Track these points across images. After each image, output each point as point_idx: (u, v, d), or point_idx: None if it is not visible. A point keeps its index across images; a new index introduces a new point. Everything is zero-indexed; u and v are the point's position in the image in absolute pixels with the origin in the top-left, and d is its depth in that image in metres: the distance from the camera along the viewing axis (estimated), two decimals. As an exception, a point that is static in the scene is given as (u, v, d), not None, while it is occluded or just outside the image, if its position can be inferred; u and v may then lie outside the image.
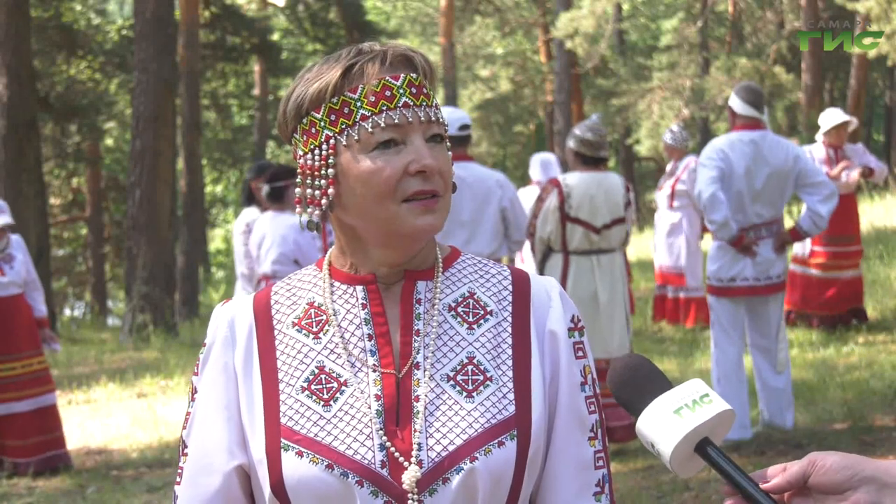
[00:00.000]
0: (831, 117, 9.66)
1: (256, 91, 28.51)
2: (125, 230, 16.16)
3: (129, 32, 21.60)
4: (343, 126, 1.59)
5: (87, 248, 26.82)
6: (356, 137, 1.58)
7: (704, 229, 11.21)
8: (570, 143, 6.67)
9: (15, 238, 7.31)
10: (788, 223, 8.80)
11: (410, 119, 1.58)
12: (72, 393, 10.15)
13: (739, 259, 6.68)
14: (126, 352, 12.93)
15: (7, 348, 7.11)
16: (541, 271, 6.62)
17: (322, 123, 1.60)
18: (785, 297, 6.98)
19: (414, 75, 1.60)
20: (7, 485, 6.99)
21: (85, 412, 9.33)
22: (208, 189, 29.79)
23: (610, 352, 6.50)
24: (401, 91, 1.58)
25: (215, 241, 33.20)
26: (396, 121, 1.57)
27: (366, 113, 1.57)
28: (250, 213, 8.22)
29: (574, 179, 6.58)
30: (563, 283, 6.54)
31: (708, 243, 7.69)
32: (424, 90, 1.61)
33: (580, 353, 1.67)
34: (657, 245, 11.33)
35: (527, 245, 7.28)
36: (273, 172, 7.57)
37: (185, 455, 1.64)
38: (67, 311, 25.92)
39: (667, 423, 1.44)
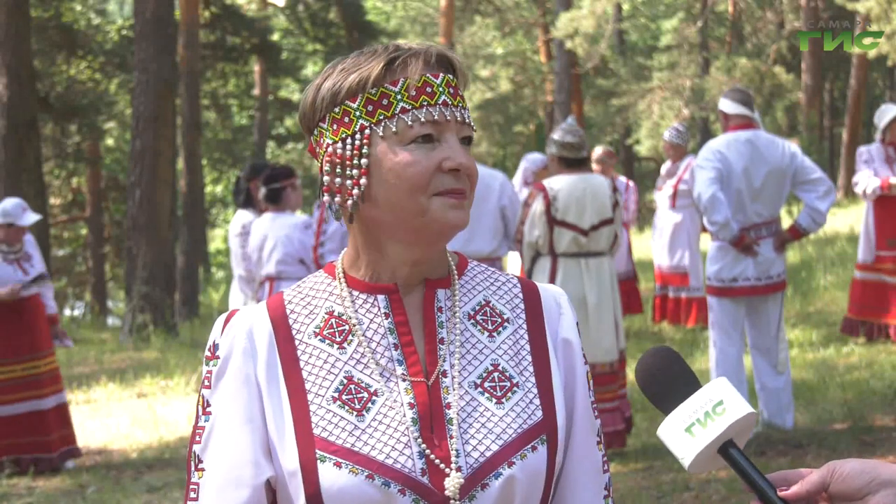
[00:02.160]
0: (887, 113, 9.00)
1: (256, 91, 28.50)
2: (125, 230, 16.16)
3: (129, 32, 21.60)
4: (381, 117, 1.58)
5: (87, 248, 26.82)
6: (394, 129, 1.58)
7: (703, 229, 11.20)
8: (552, 149, 6.62)
9: (28, 237, 7.40)
10: (787, 222, 8.78)
11: (448, 117, 1.59)
12: (72, 393, 10.14)
13: (741, 259, 6.67)
14: (126, 352, 12.93)
15: (30, 347, 7.21)
16: (529, 276, 6.58)
17: (357, 113, 1.60)
18: (782, 298, 6.96)
19: (451, 76, 1.62)
20: (7, 485, 6.99)
21: (85, 412, 9.33)
22: (208, 189, 29.79)
23: (596, 357, 6.46)
24: (440, 89, 1.59)
25: (215, 241, 33.19)
26: (436, 117, 1.58)
27: (406, 106, 1.58)
28: (245, 215, 8.20)
29: (559, 183, 6.54)
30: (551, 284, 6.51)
31: (706, 244, 7.64)
32: (460, 92, 1.63)
33: (584, 360, 1.71)
34: (656, 246, 11.32)
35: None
36: (269, 174, 7.58)
37: (202, 470, 1.60)
38: (67, 311, 25.92)
39: (680, 440, 1.46)
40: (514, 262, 9.97)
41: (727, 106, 6.73)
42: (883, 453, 6.18)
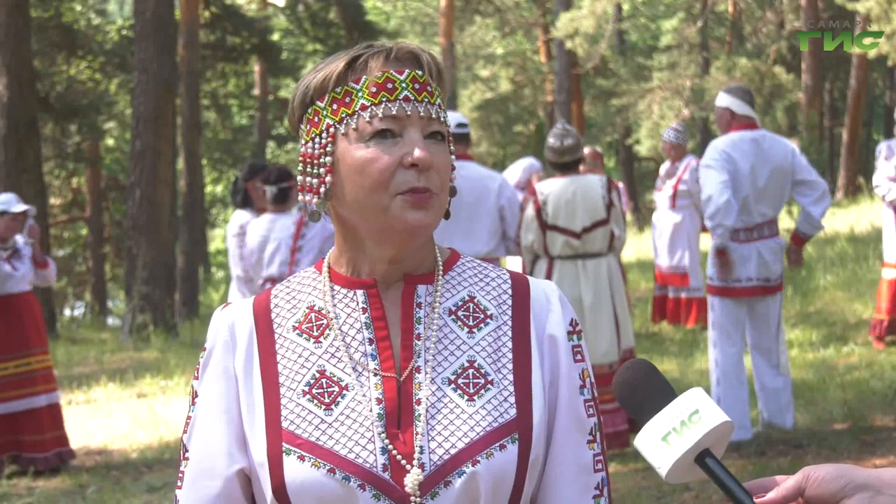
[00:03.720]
0: None
1: (256, 91, 28.51)
2: (125, 230, 16.16)
3: (129, 32, 21.60)
4: (343, 115, 1.59)
5: (87, 248, 26.82)
6: (354, 126, 1.58)
7: (703, 229, 11.21)
8: (546, 153, 6.69)
9: (19, 238, 7.40)
10: (785, 221, 8.76)
11: (409, 112, 1.57)
12: (72, 393, 10.15)
13: (745, 260, 6.66)
14: (126, 352, 12.93)
15: (23, 344, 7.20)
16: None
17: (324, 112, 1.61)
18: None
19: (419, 72, 1.60)
20: (7, 485, 6.99)
21: (85, 412, 9.34)
22: (208, 189, 29.79)
23: (594, 359, 6.45)
24: (403, 85, 1.58)
25: (215, 242, 33.16)
26: (394, 112, 1.57)
27: (365, 103, 1.57)
28: (243, 215, 8.20)
29: (549, 187, 6.57)
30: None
31: (706, 244, 7.61)
32: (428, 88, 1.60)
33: (579, 357, 1.68)
34: (657, 246, 11.32)
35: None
36: (278, 174, 7.58)
37: (186, 459, 1.64)
38: (67, 311, 25.92)
39: (657, 449, 1.45)
40: (513, 266, 9.97)
41: (736, 105, 6.69)
42: (883, 453, 6.18)
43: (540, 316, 1.67)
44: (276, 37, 28.59)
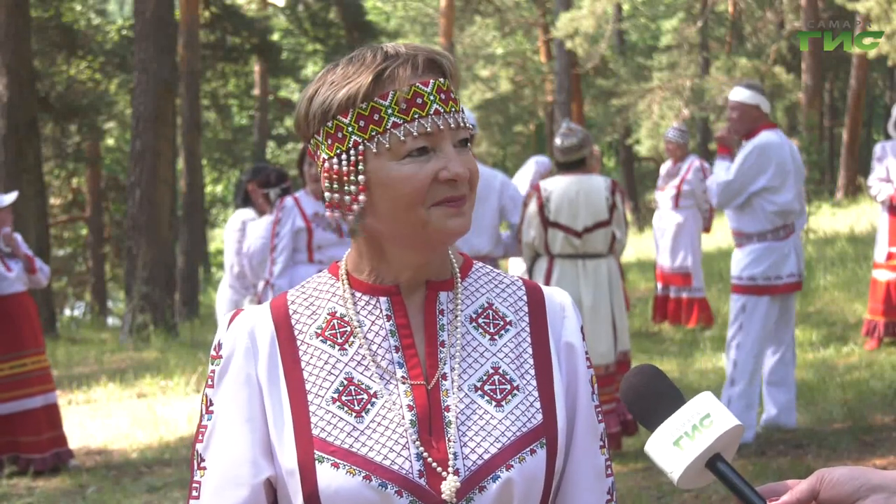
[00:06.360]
0: None
1: (256, 91, 28.50)
2: (125, 230, 16.17)
3: (129, 32, 21.60)
4: (373, 133, 1.56)
5: (87, 248, 26.82)
6: (387, 145, 1.56)
7: (705, 230, 11.21)
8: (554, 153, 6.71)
9: (17, 236, 7.38)
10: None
11: (441, 126, 1.56)
12: (72, 393, 10.14)
13: (786, 256, 6.62)
14: (126, 352, 12.92)
15: (17, 345, 7.17)
16: (530, 276, 6.60)
17: (350, 129, 1.58)
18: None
19: (443, 80, 1.59)
20: (7, 485, 6.99)
21: (85, 412, 9.33)
22: (208, 189, 29.79)
23: (592, 359, 6.42)
24: (431, 98, 1.56)
25: (215, 241, 33.17)
26: (429, 129, 1.56)
27: (397, 121, 1.55)
28: (246, 212, 8.23)
29: (553, 184, 6.56)
30: (546, 286, 6.45)
31: (709, 244, 7.64)
32: (452, 95, 1.59)
33: (588, 364, 1.70)
34: (659, 246, 11.31)
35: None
36: (276, 176, 7.58)
37: (203, 469, 1.61)
38: (67, 311, 25.91)
39: (668, 454, 1.46)
40: (515, 268, 9.96)
41: (764, 104, 6.65)
42: (883, 453, 6.18)
43: (556, 323, 1.69)
44: (276, 37, 28.60)
